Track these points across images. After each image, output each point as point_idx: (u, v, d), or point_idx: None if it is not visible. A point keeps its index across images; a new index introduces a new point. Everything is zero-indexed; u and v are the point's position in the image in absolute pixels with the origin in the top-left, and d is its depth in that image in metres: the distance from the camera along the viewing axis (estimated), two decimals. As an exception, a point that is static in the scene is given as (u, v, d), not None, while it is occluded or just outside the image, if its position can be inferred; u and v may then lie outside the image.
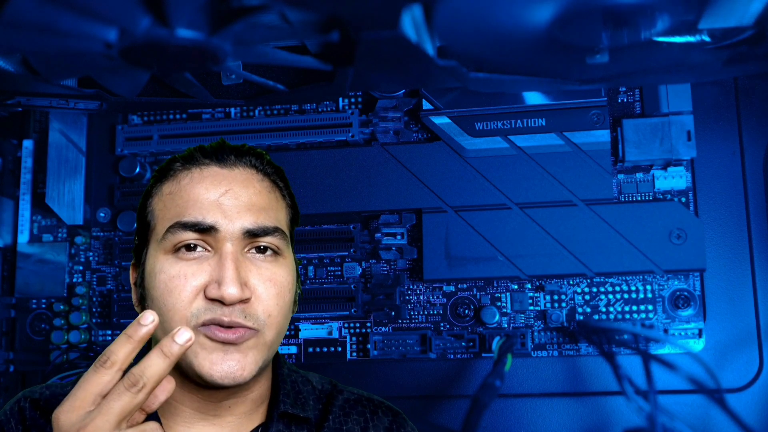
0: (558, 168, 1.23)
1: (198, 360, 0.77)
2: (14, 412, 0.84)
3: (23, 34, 0.87)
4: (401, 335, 1.28)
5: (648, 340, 1.21)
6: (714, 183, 1.24)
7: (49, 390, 0.86)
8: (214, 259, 0.79)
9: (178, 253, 0.79)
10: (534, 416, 1.24)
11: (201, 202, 0.80)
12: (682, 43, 0.96)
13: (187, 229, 0.79)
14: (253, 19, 0.84)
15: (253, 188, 0.83)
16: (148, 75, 1.11)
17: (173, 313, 0.78)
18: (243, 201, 0.81)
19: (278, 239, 0.82)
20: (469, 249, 1.23)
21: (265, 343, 0.80)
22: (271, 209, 0.83)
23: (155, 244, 0.81)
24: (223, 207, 0.80)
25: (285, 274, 0.82)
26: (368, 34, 0.88)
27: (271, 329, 0.81)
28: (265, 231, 0.81)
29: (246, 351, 0.78)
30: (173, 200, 0.82)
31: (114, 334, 1.34)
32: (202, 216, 0.79)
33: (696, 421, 1.18)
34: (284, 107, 1.34)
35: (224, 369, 0.77)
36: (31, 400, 0.85)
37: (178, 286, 0.78)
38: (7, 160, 1.40)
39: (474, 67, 1.05)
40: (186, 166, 0.84)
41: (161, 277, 0.79)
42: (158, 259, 0.80)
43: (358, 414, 0.89)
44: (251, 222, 0.80)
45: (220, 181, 0.82)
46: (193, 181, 0.82)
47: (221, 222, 0.79)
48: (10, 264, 1.38)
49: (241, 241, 0.80)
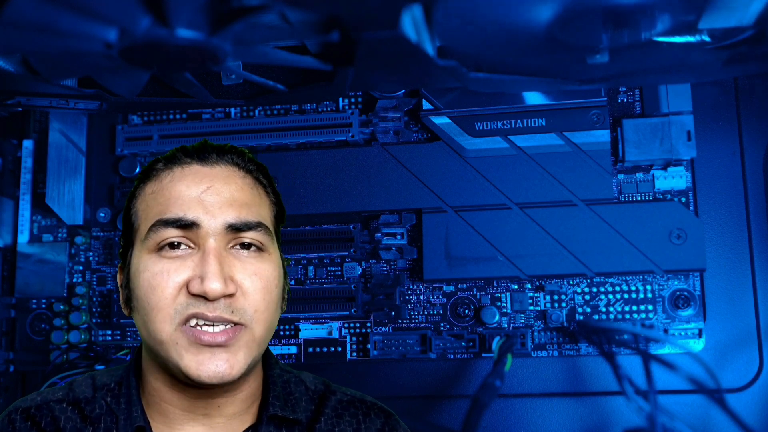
0: (558, 168, 1.23)
1: (184, 362, 0.77)
2: (4, 425, 0.83)
3: (23, 34, 0.87)
4: (401, 335, 1.28)
5: (648, 340, 1.21)
6: (714, 183, 1.24)
7: (40, 396, 0.86)
8: (197, 256, 0.79)
9: (161, 251, 0.79)
10: (534, 416, 1.24)
11: (182, 199, 0.80)
12: (682, 43, 0.96)
13: (169, 225, 0.79)
14: (253, 19, 0.84)
15: (234, 184, 0.83)
16: (148, 75, 1.11)
17: (157, 311, 0.77)
18: (225, 197, 0.81)
19: (262, 235, 0.82)
20: (469, 249, 1.23)
21: (254, 339, 0.80)
22: (253, 205, 0.83)
23: (139, 244, 0.81)
24: (204, 203, 0.80)
25: (270, 269, 0.82)
26: (368, 34, 0.88)
27: (259, 324, 0.80)
28: (248, 225, 0.80)
29: (235, 350, 0.78)
30: (155, 199, 0.82)
31: (114, 334, 1.35)
32: (183, 212, 0.79)
33: (696, 421, 1.18)
34: (284, 107, 1.34)
35: (212, 369, 0.76)
36: (22, 409, 0.84)
37: (161, 283, 0.78)
38: (7, 160, 1.40)
39: (474, 67, 1.05)
40: (168, 166, 0.83)
41: (145, 276, 0.79)
42: (142, 259, 0.80)
43: (350, 416, 0.88)
44: (234, 217, 0.80)
45: (201, 178, 0.82)
46: (175, 179, 0.82)
47: (203, 218, 0.79)
48: (10, 264, 1.38)
49: (224, 237, 0.80)
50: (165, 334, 0.77)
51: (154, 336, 0.78)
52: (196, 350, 0.77)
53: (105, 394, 0.84)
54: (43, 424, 0.82)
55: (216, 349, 0.77)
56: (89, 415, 0.82)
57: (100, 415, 0.82)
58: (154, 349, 0.80)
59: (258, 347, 0.81)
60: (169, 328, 0.77)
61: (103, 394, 0.84)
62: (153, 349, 0.80)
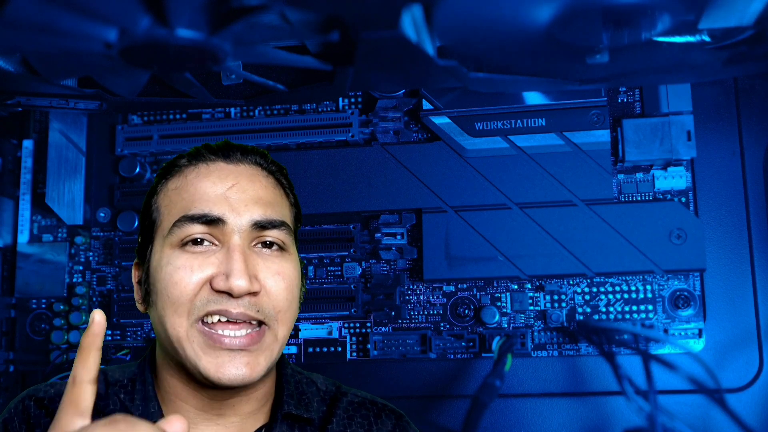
0: (558, 168, 1.23)
1: (203, 363, 0.77)
2: (18, 410, 0.84)
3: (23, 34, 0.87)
4: (401, 335, 1.28)
5: (648, 340, 1.21)
6: (714, 183, 1.24)
7: (53, 388, 0.86)
8: (221, 253, 0.79)
9: (185, 247, 0.79)
10: (534, 416, 1.24)
11: (208, 195, 0.80)
12: (682, 43, 0.97)
13: (195, 221, 0.79)
14: (253, 19, 0.85)
15: (259, 183, 0.83)
16: (148, 75, 1.11)
17: (177, 305, 0.77)
18: (250, 194, 0.81)
19: (284, 234, 0.82)
20: (469, 249, 1.23)
21: (276, 340, 0.80)
22: (276, 204, 0.83)
23: (161, 240, 0.81)
24: (230, 200, 0.80)
25: (292, 268, 0.82)
26: (368, 34, 0.88)
27: (282, 325, 0.80)
28: (272, 224, 0.81)
29: (257, 354, 0.78)
30: (179, 195, 0.82)
31: (114, 334, 1.35)
32: (209, 208, 0.79)
33: (696, 421, 1.18)
34: (284, 107, 1.34)
35: (233, 372, 0.76)
36: (36, 398, 0.85)
37: (183, 277, 0.77)
38: (7, 160, 1.40)
39: (474, 67, 1.05)
40: (192, 162, 0.84)
41: (167, 270, 0.78)
42: (164, 254, 0.80)
43: (362, 417, 0.89)
44: (259, 214, 0.80)
45: (226, 175, 0.82)
46: (200, 175, 0.82)
47: (228, 215, 0.79)
48: (10, 264, 1.38)
49: (249, 234, 0.80)
50: (182, 330, 0.77)
51: (170, 332, 0.78)
52: (214, 353, 0.77)
53: (118, 390, 0.84)
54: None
55: (236, 353, 0.77)
56: (102, 410, 0.82)
57: (113, 412, 0.82)
58: (170, 347, 0.79)
59: (279, 348, 0.81)
60: (186, 324, 0.77)
61: (116, 390, 0.84)
62: (169, 347, 0.80)
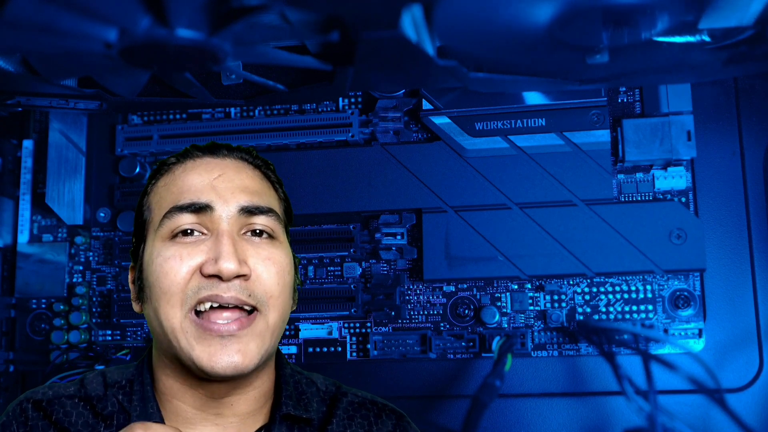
0: (558, 168, 1.23)
1: (195, 353, 0.77)
2: (16, 414, 0.84)
3: (23, 34, 0.87)
4: (401, 335, 1.28)
5: (648, 340, 1.21)
6: (714, 183, 1.24)
7: (51, 390, 0.86)
8: (210, 240, 0.80)
9: (175, 238, 0.80)
10: (534, 416, 1.24)
11: (195, 186, 0.82)
12: (682, 43, 0.97)
13: (183, 211, 0.80)
14: (253, 19, 0.85)
15: (245, 173, 0.85)
16: (148, 75, 1.11)
17: (169, 295, 0.78)
18: (236, 183, 0.83)
19: (273, 221, 0.83)
20: (469, 249, 1.23)
21: (267, 326, 0.80)
22: (264, 194, 0.85)
23: (152, 234, 0.82)
24: (217, 189, 0.81)
25: (283, 255, 0.83)
26: (368, 34, 0.88)
27: (273, 311, 0.80)
28: (259, 209, 0.82)
29: (247, 340, 0.78)
30: (168, 190, 0.83)
31: (114, 334, 1.35)
32: (197, 197, 0.80)
33: (696, 421, 1.18)
34: (284, 107, 1.34)
35: (225, 360, 0.76)
36: (34, 401, 0.84)
37: (174, 267, 0.78)
38: (7, 160, 1.40)
39: (474, 67, 1.05)
40: (180, 160, 0.86)
41: (158, 261, 0.79)
42: (155, 247, 0.81)
43: (362, 417, 0.89)
44: (246, 200, 0.81)
45: (213, 167, 0.84)
46: (187, 170, 0.84)
47: (216, 201, 0.80)
48: (10, 264, 1.38)
49: (237, 221, 0.81)
50: (176, 321, 0.78)
51: (164, 323, 0.78)
52: (206, 341, 0.77)
53: (116, 391, 0.84)
54: (54, 418, 0.82)
55: (227, 340, 0.77)
56: (101, 412, 0.83)
57: (112, 413, 0.83)
58: (165, 340, 0.79)
59: (271, 336, 0.81)
60: (180, 314, 0.77)
61: (114, 392, 0.84)
62: (164, 341, 0.80)
